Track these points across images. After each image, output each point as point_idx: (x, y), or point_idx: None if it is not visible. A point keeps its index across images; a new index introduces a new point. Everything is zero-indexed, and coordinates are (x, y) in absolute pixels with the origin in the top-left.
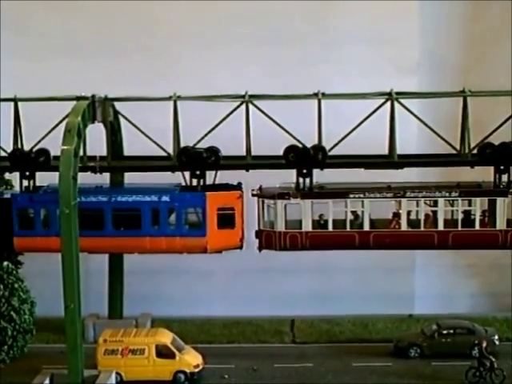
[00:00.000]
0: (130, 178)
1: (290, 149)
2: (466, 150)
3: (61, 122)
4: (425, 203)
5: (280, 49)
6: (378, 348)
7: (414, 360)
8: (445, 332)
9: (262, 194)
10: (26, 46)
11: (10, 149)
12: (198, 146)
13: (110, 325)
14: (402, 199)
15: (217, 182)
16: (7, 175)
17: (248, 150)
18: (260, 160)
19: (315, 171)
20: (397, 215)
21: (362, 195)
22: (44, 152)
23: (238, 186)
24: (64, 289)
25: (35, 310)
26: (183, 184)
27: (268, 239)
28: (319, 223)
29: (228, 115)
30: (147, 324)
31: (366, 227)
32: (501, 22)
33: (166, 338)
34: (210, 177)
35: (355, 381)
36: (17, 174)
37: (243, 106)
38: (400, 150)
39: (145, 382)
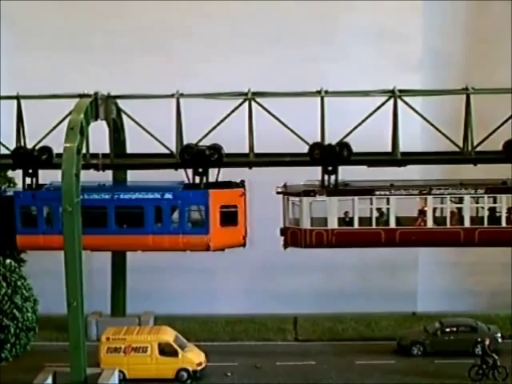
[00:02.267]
0: (133, 175)
1: (316, 146)
2: (469, 148)
3: (63, 119)
4: (450, 200)
5: (283, 46)
6: (381, 346)
7: (417, 358)
8: (448, 330)
9: (288, 191)
10: (29, 44)
11: (12, 146)
12: (200, 143)
13: (112, 323)
14: (428, 196)
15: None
16: (10, 173)
17: (251, 147)
18: (263, 157)
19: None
20: (422, 212)
21: (388, 192)
22: (47, 150)
23: (241, 184)
24: (67, 286)
25: (38, 308)
26: (186, 182)
27: (293, 237)
28: (344, 220)
29: (231, 113)
30: (150, 322)
31: (392, 224)
32: (504, 19)
33: (169, 335)
34: (213, 174)
35: (358, 379)
36: (19, 172)
37: (246, 104)
38: (403, 147)
39: (147, 380)
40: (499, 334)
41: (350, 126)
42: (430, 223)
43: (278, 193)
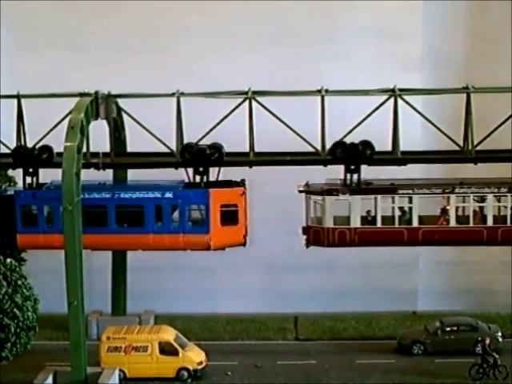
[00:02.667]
0: (133, 174)
1: (338, 144)
2: (470, 147)
3: (64, 118)
4: (473, 199)
5: (283, 46)
6: (382, 345)
7: (418, 357)
8: (448, 329)
9: (310, 190)
10: (29, 43)
11: (13, 145)
12: (201, 142)
13: (113, 322)
14: (451, 195)
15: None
16: (10, 172)
17: (251, 146)
18: (263, 157)
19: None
20: (444, 211)
21: (411, 191)
22: (47, 149)
23: (242, 183)
24: (67, 286)
25: (38, 307)
26: (186, 181)
27: (316, 235)
28: (366, 219)
29: (231, 112)
30: (150, 321)
31: (415, 223)
32: (504, 18)
33: (170, 335)
34: (214, 174)
35: (358, 378)
36: (20, 171)
37: (246, 103)
38: (403, 146)
39: (148, 379)
40: (500, 333)
41: (350, 125)
42: (452, 222)
43: (300, 191)
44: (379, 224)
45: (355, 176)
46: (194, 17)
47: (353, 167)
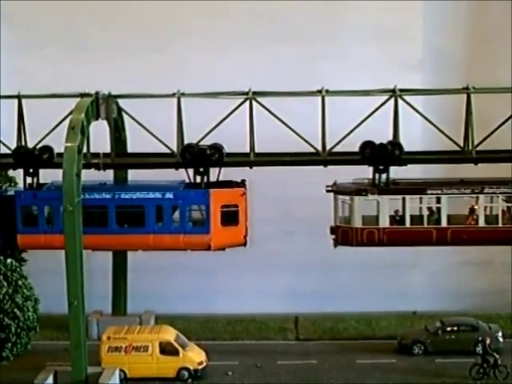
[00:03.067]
0: (134, 175)
1: (367, 144)
2: (470, 147)
3: (64, 118)
4: (502, 199)
5: (284, 46)
6: (382, 345)
7: (418, 357)
8: (448, 329)
9: (338, 190)
10: (30, 43)
11: (13, 146)
12: (201, 143)
13: (113, 322)
14: (480, 195)
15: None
16: (11, 172)
17: (251, 147)
18: (263, 157)
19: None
20: (473, 211)
21: (439, 191)
22: (48, 149)
23: (242, 184)
24: (68, 286)
25: (39, 307)
26: (187, 181)
27: (344, 235)
28: (394, 219)
29: (232, 112)
30: (151, 321)
31: (444, 223)
32: (505, 18)
33: (170, 335)
34: (214, 174)
35: (359, 378)
36: (20, 171)
37: (247, 103)
38: (404, 146)
39: (148, 379)
40: (500, 333)
41: (350, 125)
42: (481, 222)
43: (328, 191)
44: (408, 224)
45: (383, 176)
46: (195, 17)
47: (381, 167)
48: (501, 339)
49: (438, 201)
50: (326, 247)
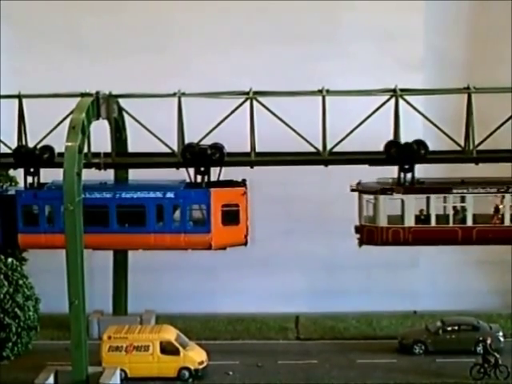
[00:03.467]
0: (135, 174)
1: (392, 144)
2: (471, 147)
3: (65, 118)
4: None
5: (285, 46)
6: (383, 345)
7: (419, 357)
8: (449, 329)
9: (363, 189)
10: (30, 43)
11: (14, 145)
12: (202, 142)
13: (114, 321)
14: (506, 194)
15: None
16: (12, 172)
17: (252, 146)
18: (264, 157)
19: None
20: (498, 210)
21: (465, 190)
22: (48, 149)
23: (243, 183)
24: (68, 285)
25: (39, 307)
26: (188, 181)
27: (369, 234)
28: (419, 218)
29: (232, 112)
30: (151, 320)
31: (469, 222)
32: (505, 19)
33: (171, 334)
34: (215, 173)
35: (360, 377)
36: (21, 171)
37: (247, 103)
38: None
39: (149, 379)
40: (501, 333)
41: (351, 125)
42: (507, 221)
43: (353, 190)
44: (433, 223)
45: (408, 175)
46: (195, 17)
47: (407, 166)
48: (501, 339)
49: (463, 200)
50: (327, 247)
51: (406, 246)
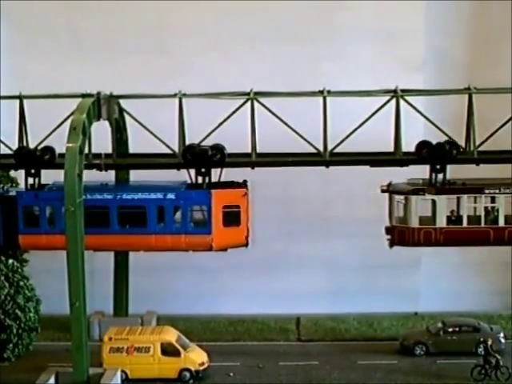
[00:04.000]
0: (135, 175)
1: (424, 144)
2: (472, 148)
3: (66, 119)
4: None
5: (285, 46)
6: (384, 346)
7: (420, 358)
8: (450, 330)
9: (394, 190)
10: (31, 44)
11: (15, 146)
12: (203, 143)
13: (115, 323)
14: None
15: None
16: (12, 173)
17: (253, 147)
18: (265, 158)
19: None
20: None
21: (497, 191)
22: (49, 150)
23: (244, 184)
24: (69, 286)
25: (40, 308)
26: (188, 182)
27: (401, 235)
28: (450, 219)
29: (233, 113)
30: (152, 322)
31: (501, 223)
32: (506, 19)
33: (172, 335)
34: (216, 175)
35: (360, 379)
36: (22, 172)
37: (248, 104)
38: (405, 147)
39: (150, 380)
40: (502, 334)
41: (352, 125)
42: None
43: (383, 191)
44: (465, 224)
45: (439, 175)
46: (196, 18)
47: (438, 167)
48: (502, 340)
49: (493, 200)
50: (328, 248)
51: (437, 246)
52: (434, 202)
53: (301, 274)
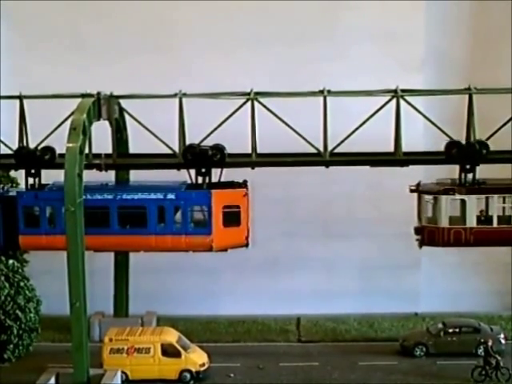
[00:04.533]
0: (136, 175)
1: (453, 144)
2: None
3: (66, 119)
4: None
5: (286, 47)
6: (384, 347)
7: (420, 359)
8: (450, 331)
9: (424, 189)
10: (31, 44)
11: (15, 146)
12: (203, 143)
13: (115, 323)
14: None
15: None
16: (13, 173)
17: (253, 147)
18: (265, 158)
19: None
20: None
21: None
22: (49, 150)
23: (244, 184)
24: (69, 287)
25: (41, 309)
26: (189, 182)
27: (431, 235)
28: (480, 219)
29: (233, 113)
30: (153, 322)
31: None
32: (506, 19)
33: (172, 336)
34: (216, 175)
35: (361, 379)
36: (22, 172)
37: (248, 104)
38: (406, 147)
39: (150, 381)
40: (502, 335)
41: (352, 125)
42: None
43: (412, 191)
44: (495, 224)
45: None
46: (197, 18)
47: (468, 167)
48: (503, 341)
49: None
50: (328, 248)
51: (467, 246)
52: (463, 201)
53: (301, 275)
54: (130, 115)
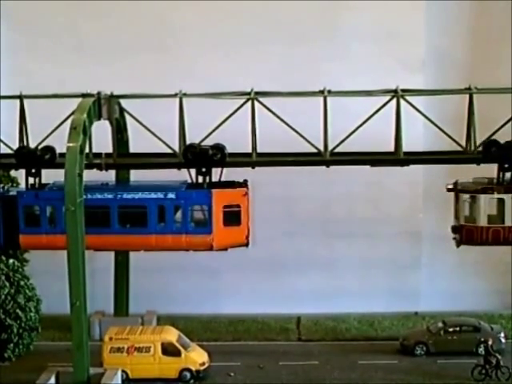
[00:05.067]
0: (136, 175)
1: (492, 143)
2: (472, 148)
3: (66, 119)
4: None
5: (285, 46)
6: (384, 346)
7: (420, 358)
8: (451, 330)
9: (462, 188)
10: (32, 44)
11: (15, 146)
12: (203, 143)
13: (115, 322)
14: None
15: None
16: (13, 172)
17: (254, 147)
18: (266, 157)
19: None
20: None
21: None
22: (50, 149)
23: (244, 184)
24: (70, 286)
25: (41, 308)
26: (189, 181)
27: (469, 234)
28: None
29: (234, 112)
30: (153, 322)
31: None
32: (506, 19)
33: (172, 335)
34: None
35: (361, 378)
36: (22, 172)
37: (249, 103)
38: (406, 147)
39: (150, 380)
40: (502, 334)
41: (352, 125)
42: None
43: (449, 190)
44: None
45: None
46: (197, 18)
47: (506, 166)
48: (503, 340)
49: None
50: (329, 247)
51: (505, 245)
52: (501, 200)
53: (301, 274)
54: (130, 115)
